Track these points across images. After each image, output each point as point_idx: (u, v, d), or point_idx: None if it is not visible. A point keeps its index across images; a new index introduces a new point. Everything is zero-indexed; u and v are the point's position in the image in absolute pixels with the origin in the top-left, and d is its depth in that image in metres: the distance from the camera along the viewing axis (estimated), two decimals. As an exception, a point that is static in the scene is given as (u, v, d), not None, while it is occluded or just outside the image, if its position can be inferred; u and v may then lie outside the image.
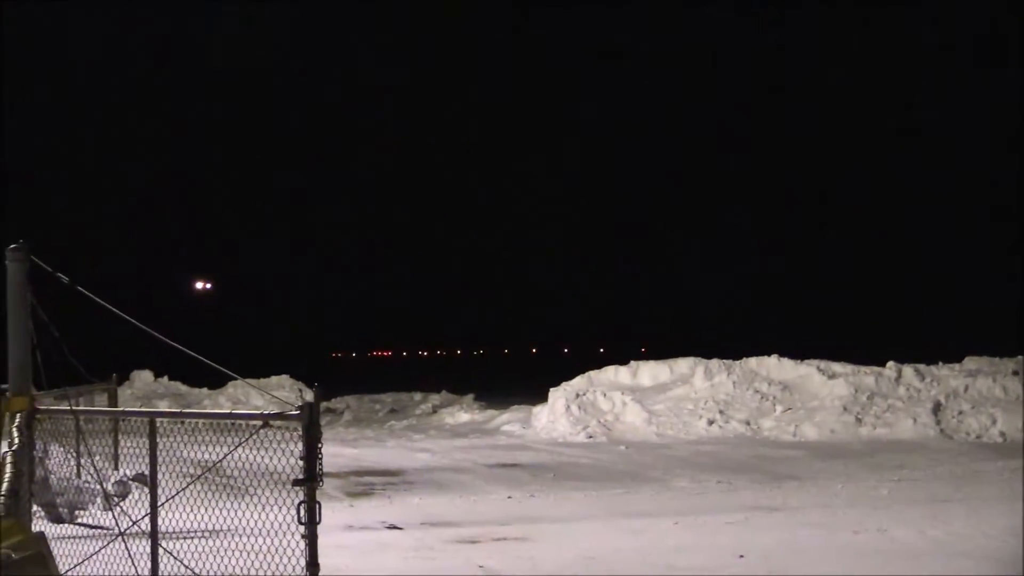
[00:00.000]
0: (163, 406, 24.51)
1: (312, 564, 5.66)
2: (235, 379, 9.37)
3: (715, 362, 22.76)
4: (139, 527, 7.19)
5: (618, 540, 9.91)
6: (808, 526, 10.48)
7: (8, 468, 6.56)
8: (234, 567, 6.84)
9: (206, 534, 8.35)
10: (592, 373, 23.79)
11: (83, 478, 10.95)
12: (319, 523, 5.66)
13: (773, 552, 9.14)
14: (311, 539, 5.63)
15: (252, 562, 6.64)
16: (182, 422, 9.03)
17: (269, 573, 6.37)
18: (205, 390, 29.93)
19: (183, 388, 30.57)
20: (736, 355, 23.62)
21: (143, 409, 13.61)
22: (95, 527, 9.46)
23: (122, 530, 6.97)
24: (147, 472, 7.11)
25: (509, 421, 22.30)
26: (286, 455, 6.31)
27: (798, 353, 23.48)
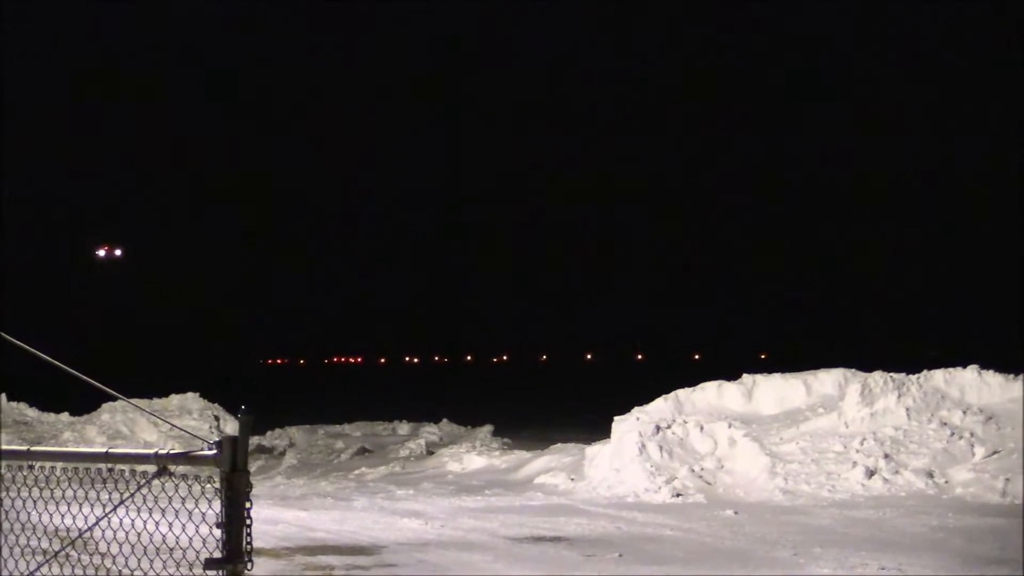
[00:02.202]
0: None
1: None
2: (113, 398, 9.25)
3: (877, 377, 22.60)
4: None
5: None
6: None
7: None
8: None
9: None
10: (681, 393, 23.76)
11: None
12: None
13: None
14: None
15: None
16: (30, 467, 9.05)
17: None
18: (65, 416, 30.05)
19: (30, 413, 30.69)
20: (905, 366, 23.55)
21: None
22: None
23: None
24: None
25: (548, 469, 22.42)
26: (194, 520, 6.29)
27: (1000, 363, 23.18)
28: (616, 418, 22.31)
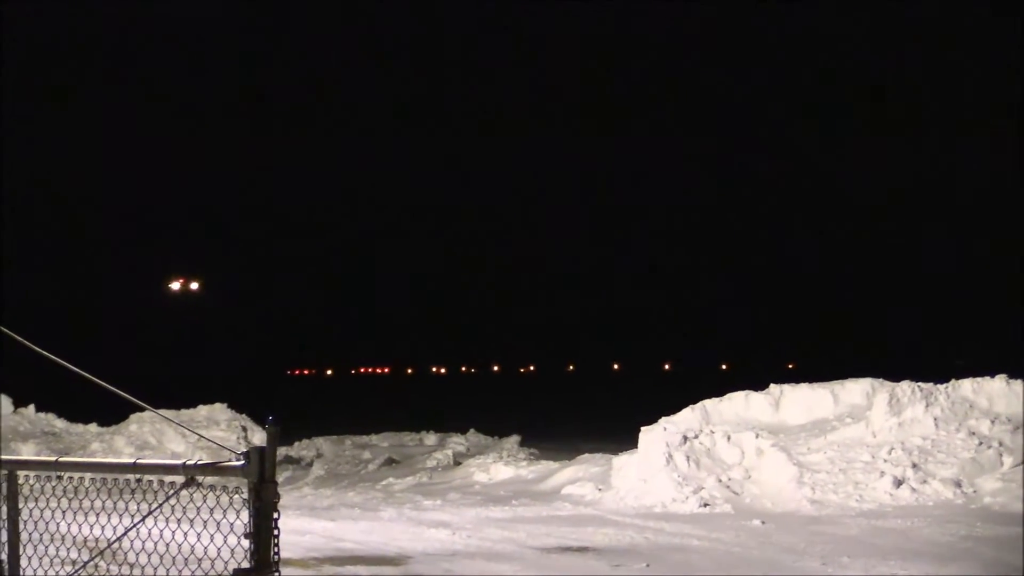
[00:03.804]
0: (28, 452, 24.66)
1: None
2: (141, 409, 9.30)
3: (905, 386, 22.51)
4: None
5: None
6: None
7: None
8: None
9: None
10: (709, 403, 23.76)
11: None
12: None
13: None
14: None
15: None
16: (59, 477, 9.06)
17: None
18: (94, 427, 30.13)
19: (59, 424, 30.79)
20: (932, 375, 23.49)
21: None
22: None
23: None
24: (3, 557, 7.09)
25: (575, 479, 22.35)
26: (222, 531, 6.32)
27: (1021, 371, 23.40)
28: (643, 428, 22.13)
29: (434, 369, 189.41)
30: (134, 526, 6.64)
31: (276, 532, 5.65)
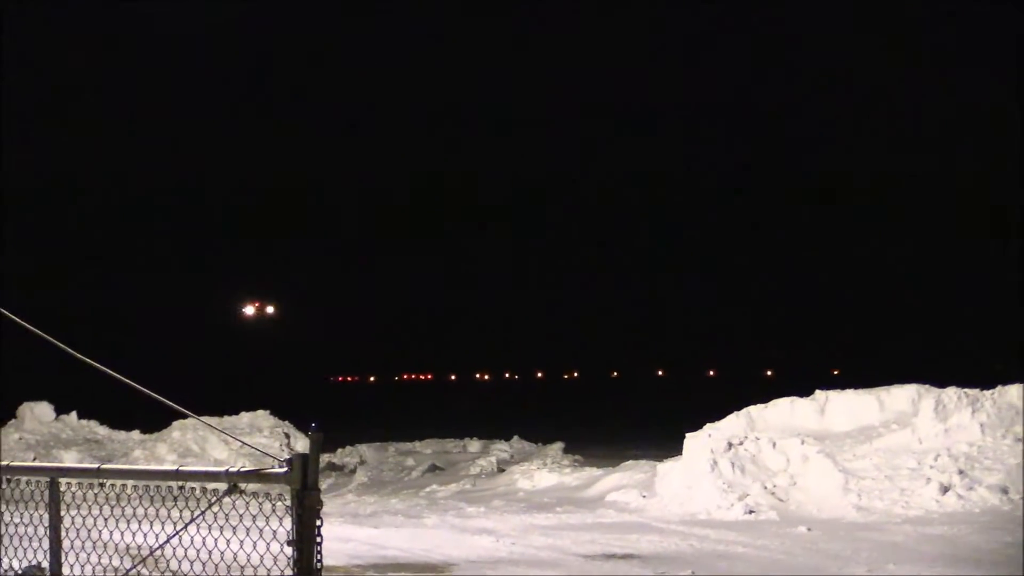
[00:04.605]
0: (71, 459, 24.75)
1: None
2: (183, 416, 9.49)
3: (951, 392, 22.41)
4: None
5: None
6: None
7: None
8: None
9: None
10: (753, 410, 23.72)
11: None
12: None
13: None
14: None
15: None
16: (100, 485, 8.94)
17: None
18: (136, 434, 30.19)
19: (101, 431, 30.84)
20: (981, 382, 23.16)
21: (38, 463, 13.50)
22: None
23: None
24: (45, 564, 7.20)
25: (620, 486, 22.29)
26: (264, 538, 6.32)
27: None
28: (688, 435, 22.12)
29: (477, 375, 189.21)
30: (176, 533, 6.67)
31: (319, 539, 5.66)
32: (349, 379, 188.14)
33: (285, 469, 5.70)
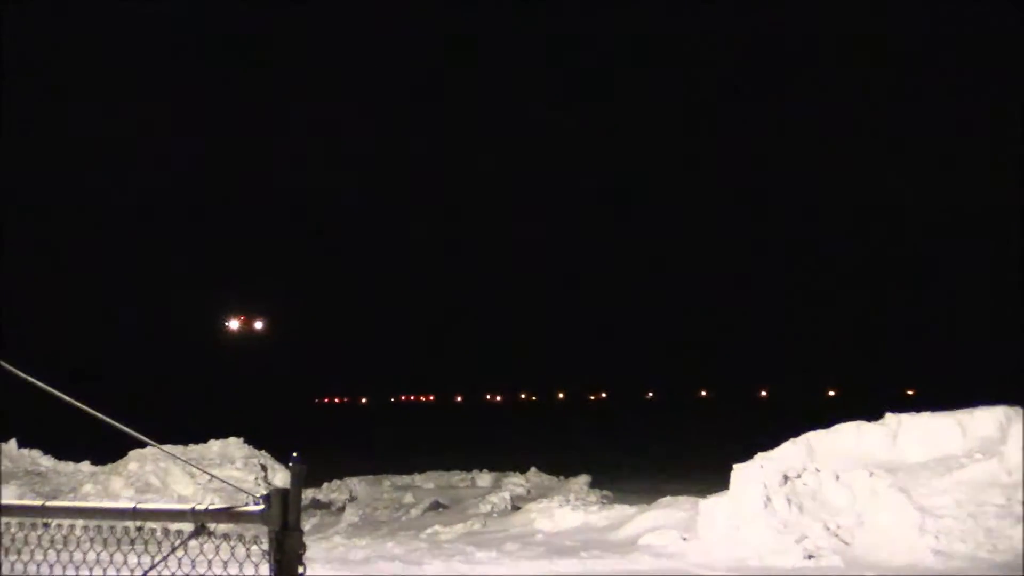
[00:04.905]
0: (10, 495, 24.85)
1: None
2: (142, 444, 9.35)
3: (1046, 416, 22.17)
4: None
5: None
6: None
7: None
8: None
9: None
10: (813, 437, 23.48)
11: None
12: None
13: None
14: None
15: None
16: (45, 525, 8.66)
17: None
18: (86, 466, 29.96)
19: (45, 463, 30.65)
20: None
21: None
22: None
23: None
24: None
25: (656, 527, 22.09)
26: (238, 590, 6.23)
27: None
28: (736, 466, 21.61)
29: (488, 397, 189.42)
30: (134, 583, 6.62)
31: (302, 592, 5.64)
32: (337, 400, 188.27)
33: (262, 507, 5.62)
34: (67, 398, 6.70)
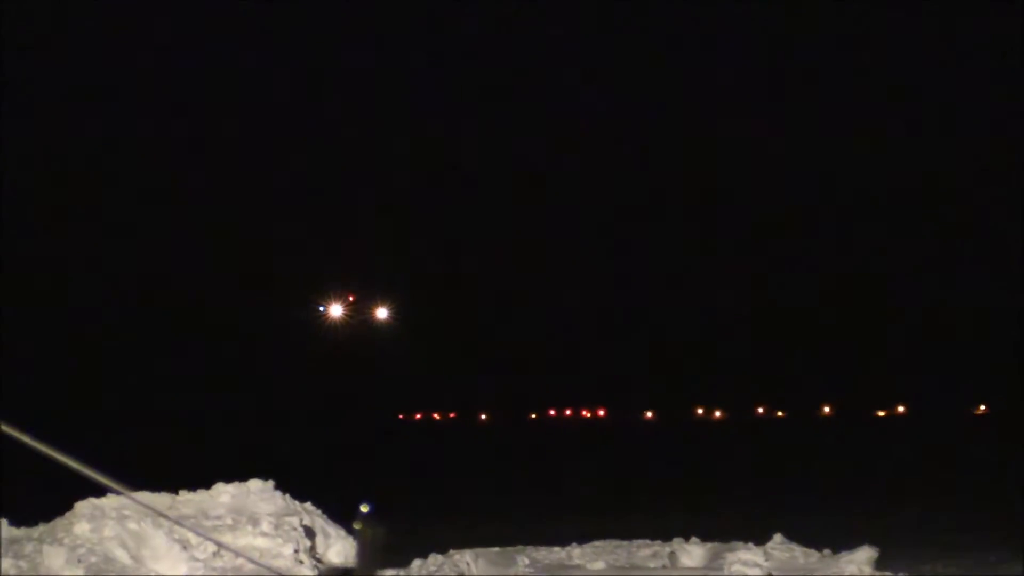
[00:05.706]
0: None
1: None
2: (102, 491, 12.40)
3: None
4: None
5: None
6: None
7: None
8: None
9: None
10: None
11: None
12: None
13: None
14: None
15: None
16: None
17: None
18: (6, 528, 26.73)
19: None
20: None
21: None
22: None
23: None
24: None
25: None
26: None
27: None
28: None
29: (648, 415, 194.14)
30: None
31: None
32: (417, 416, 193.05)
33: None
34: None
